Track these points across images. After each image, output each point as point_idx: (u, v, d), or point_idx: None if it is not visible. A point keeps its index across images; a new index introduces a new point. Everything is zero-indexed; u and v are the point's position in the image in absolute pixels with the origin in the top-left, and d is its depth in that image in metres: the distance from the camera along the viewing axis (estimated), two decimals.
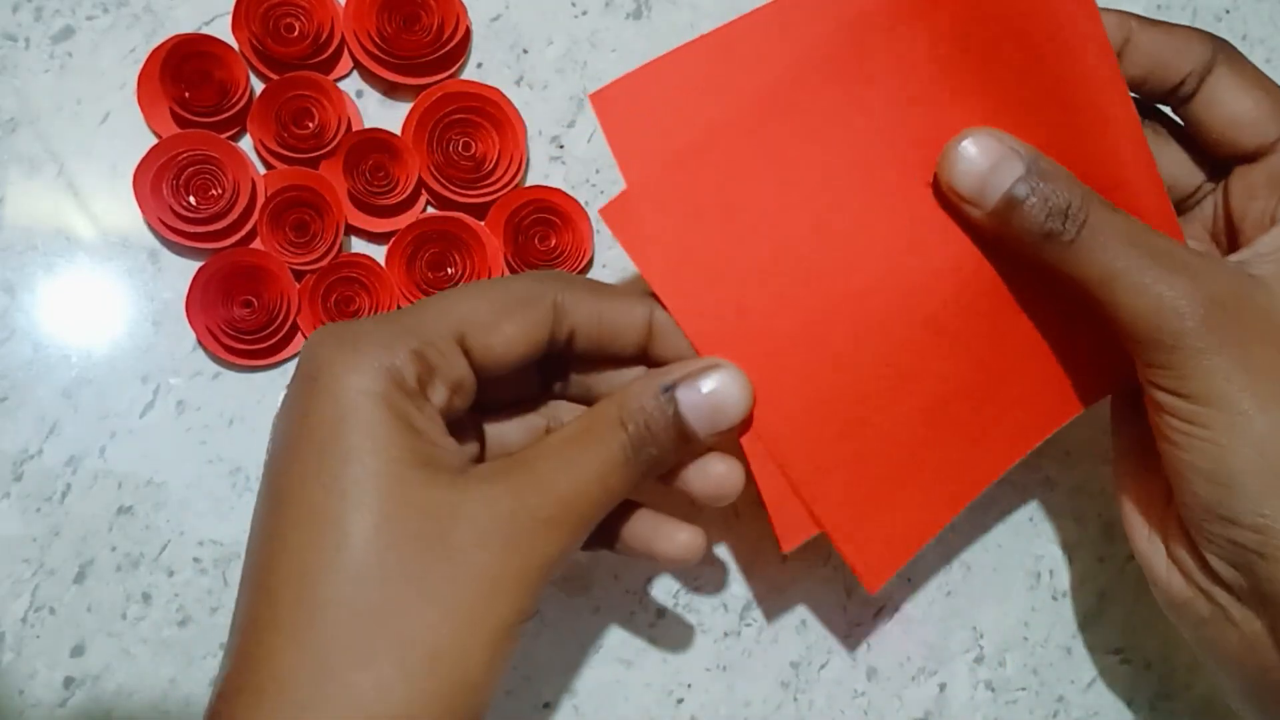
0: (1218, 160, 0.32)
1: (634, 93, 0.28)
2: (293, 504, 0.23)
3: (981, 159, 0.28)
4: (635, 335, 0.29)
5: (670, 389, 0.27)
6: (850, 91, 0.29)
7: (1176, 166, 0.32)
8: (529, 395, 0.31)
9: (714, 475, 0.29)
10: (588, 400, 0.31)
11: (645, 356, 0.30)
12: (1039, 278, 0.29)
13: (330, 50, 0.37)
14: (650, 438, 0.26)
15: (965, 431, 0.31)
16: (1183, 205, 0.33)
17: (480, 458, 0.29)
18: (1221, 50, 0.30)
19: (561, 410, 0.32)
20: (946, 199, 0.29)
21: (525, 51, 0.39)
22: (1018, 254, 0.29)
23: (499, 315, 0.27)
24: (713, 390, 0.27)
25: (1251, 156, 0.31)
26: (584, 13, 0.40)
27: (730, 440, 0.29)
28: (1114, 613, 0.40)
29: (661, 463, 0.27)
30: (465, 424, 0.29)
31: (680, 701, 0.38)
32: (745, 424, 0.29)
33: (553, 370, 0.31)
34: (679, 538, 0.30)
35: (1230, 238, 0.32)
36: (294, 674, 0.22)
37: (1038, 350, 0.31)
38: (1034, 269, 0.29)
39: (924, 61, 0.29)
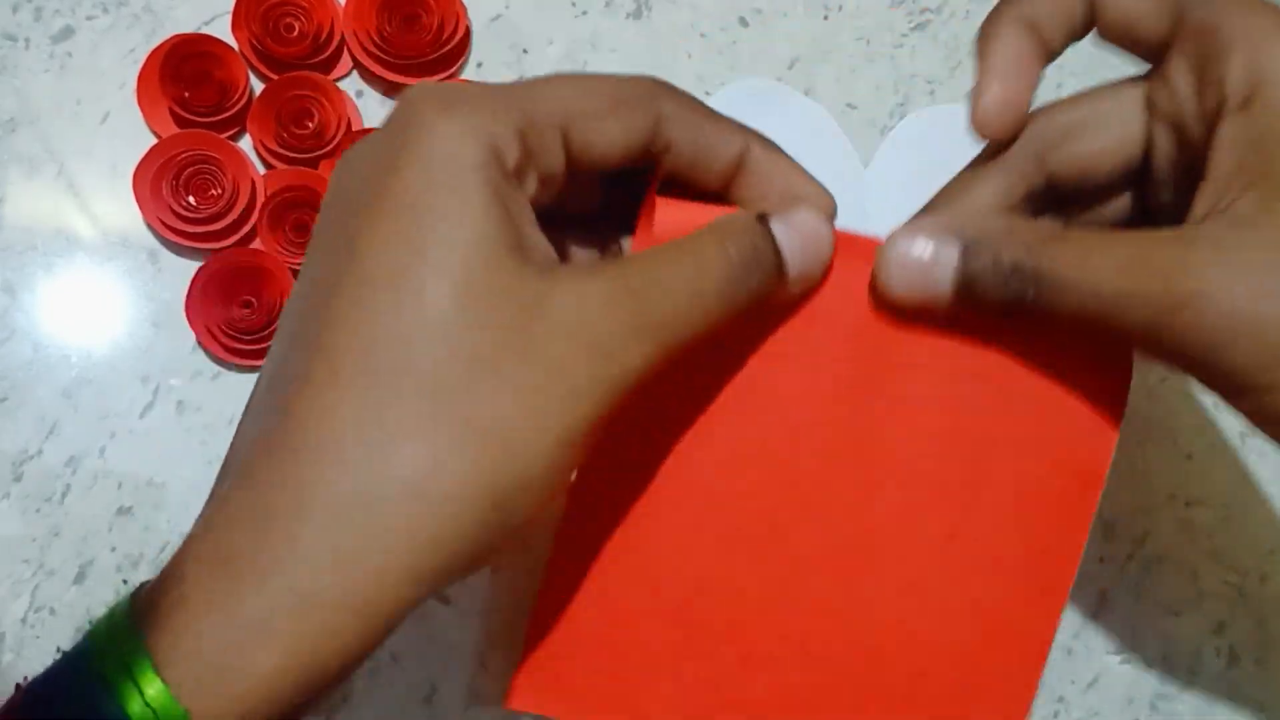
0: (1145, 59, 0.29)
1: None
2: (368, 261, 0.22)
3: (919, 252, 0.26)
4: (723, 166, 0.27)
5: (765, 219, 0.26)
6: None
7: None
8: (589, 218, 0.29)
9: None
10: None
11: (724, 195, 0.28)
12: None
13: (330, 50, 0.37)
14: (754, 264, 0.25)
15: (727, 666, 0.28)
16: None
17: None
18: None
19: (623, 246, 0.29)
20: (905, 313, 0.27)
21: (525, 51, 0.39)
22: (1006, 328, 0.27)
23: (605, 111, 0.25)
24: (804, 224, 0.26)
25: (1155, 49, 0.28)
26: (584, 13, 0.40)
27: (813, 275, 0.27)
28: (1114, 613, 0.40)
29: (756, 298, 0.26)
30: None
31: None
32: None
33: (619, 194, 0.29)
34: None
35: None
36: (345, 434, 0.21)
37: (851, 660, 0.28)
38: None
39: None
